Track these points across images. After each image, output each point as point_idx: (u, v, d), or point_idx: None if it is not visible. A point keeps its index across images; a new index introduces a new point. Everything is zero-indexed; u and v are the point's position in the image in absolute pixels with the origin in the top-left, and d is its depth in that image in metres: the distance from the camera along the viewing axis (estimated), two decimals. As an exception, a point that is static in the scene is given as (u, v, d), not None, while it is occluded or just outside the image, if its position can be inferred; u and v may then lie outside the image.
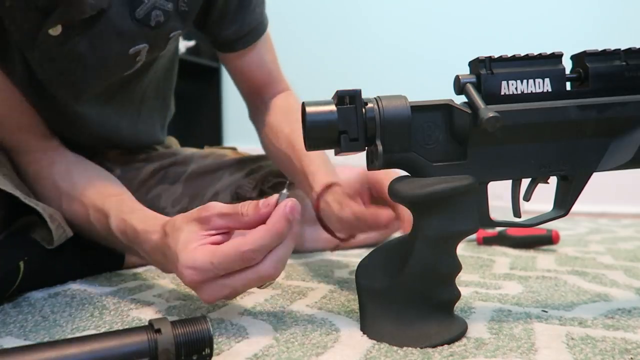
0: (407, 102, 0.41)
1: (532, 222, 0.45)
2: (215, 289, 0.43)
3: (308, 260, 0.79)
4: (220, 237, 0.45)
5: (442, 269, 0.42)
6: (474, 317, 0.48)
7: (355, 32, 1.95)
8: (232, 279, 0.43)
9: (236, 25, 0.73)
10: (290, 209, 0.42)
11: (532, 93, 0.42)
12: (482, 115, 0.38)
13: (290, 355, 0.39)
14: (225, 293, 0.44)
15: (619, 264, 0.74)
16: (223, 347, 0.41)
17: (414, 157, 0.42)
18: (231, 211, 0.44)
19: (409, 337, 0.41)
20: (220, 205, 0.45)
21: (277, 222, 0.42)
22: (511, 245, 0.89)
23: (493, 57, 0.42)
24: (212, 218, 0.44)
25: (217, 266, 0.42)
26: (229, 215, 0.44)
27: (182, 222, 0.46)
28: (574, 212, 0.50)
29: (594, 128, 0.43)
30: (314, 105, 0.40)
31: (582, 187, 0.44)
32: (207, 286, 0.43)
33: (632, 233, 1.10)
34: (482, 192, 0.43)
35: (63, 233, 0.61)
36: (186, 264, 0.43)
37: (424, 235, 0.41)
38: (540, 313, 0.49)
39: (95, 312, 0.52)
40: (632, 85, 0.44)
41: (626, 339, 0.42)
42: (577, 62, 0.45)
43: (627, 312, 0.49)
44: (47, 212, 0.59)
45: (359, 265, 0.45)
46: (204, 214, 0.45)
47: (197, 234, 0.45)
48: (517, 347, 0.40)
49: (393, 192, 0.42)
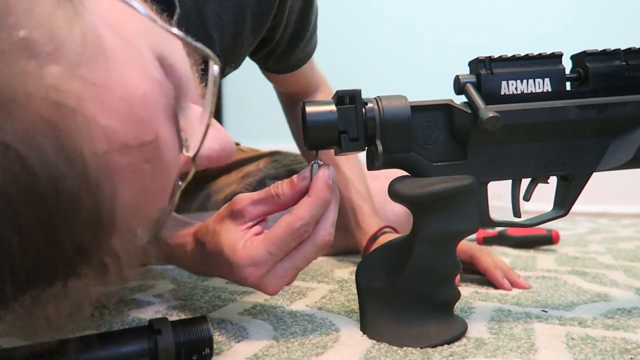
0: (407, 102, 0.41)
1: (532, 222, 0.45)
2: (279, 276, 0.42)
3: (308, 260, 0.79)
4: (259, 226, 0.43)
5: (442, 269, 0.42)
6: (474, 317, 0.48)
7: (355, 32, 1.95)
8: (291, 259, 0.42)
9: (284, 62, 0.71)
10: (329, 176, 0.41)
11: (532, 93, 0.42)
12: (482, 115, 0.38)
13: (290, 355, 0.39)
14: (289, 277, 0.42)
15: (619, 264, 0.74)
16: (223, 347, 0.41)
17: (414, 157, 0.42)
18: (264, 196, 0.43)
19: (409, 337, 0.41)
20: (249, 195, 0.43)
21: (321, 191, 0.41)
22: (511, 245, 0.89)
23: (493, 57, 0.42)
24: (246, 209, 0.43)
25: (275, 252, 0.41)
26: (264, 200, 0.43)
27: (215, 224, 0.45)
28: (574, 212, 0.50)
29: (594, 128, 0.43)
30: (314, 105, 0.40)
31: (582, 187, 0.44)
32: (271, 276, 0.42)
33: (632, 233, 1.10)
34: (482, 192, 0.43)
35: None
36: (244, 264, 0.41)
37: (424, 235, 0.41)
38: (540, 313, 0.49)
39: (95, 312, 0.52)
40: (632, 85, 0.44)
41: (626, 339, 0.42)
42: (577, 62, 0.45)
43: (627, 312, 0.49)
44: None
45: (359, 265, 0.45)
46: (237, 207, 0.43)
47: (237, 231, 0.43)
48: (517, 347, 0.40)
49: (393, 192, 0.42)
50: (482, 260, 0.62)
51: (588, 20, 1.68)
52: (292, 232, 0.40)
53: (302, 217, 0.40)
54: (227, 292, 0.59)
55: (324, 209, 0.41)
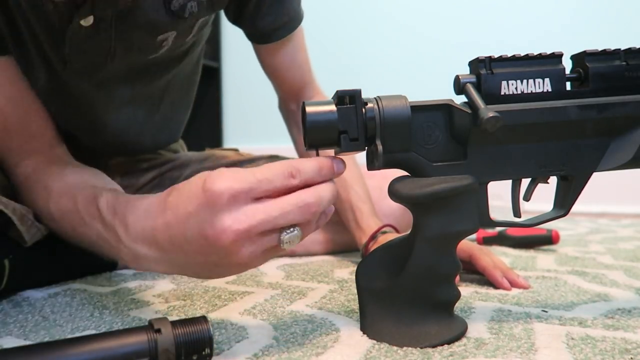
0: (407, 102, 0.41)
1: (532, 222, 0.45)
2: (247, 213, 0.37)
3: (308, 260, 0.80)
4: None
5: (442, 269, 0.42)
6: (474, 317, 0.48)
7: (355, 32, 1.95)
8: (265, 203, 0.37)
9: (272, 17, 0.72)
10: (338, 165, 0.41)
11: (532, 93, 0.42)
12: (482, 115, 0.38)
13: (290, 355, 0.39)
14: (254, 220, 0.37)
15: (619, 264, 0.74)
16: (223, 347, 0.41)
17: (414, 157, 0.42)
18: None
19: (409, 337, 0.41)
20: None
21: (326, 161, 0.40)
22: (511, 245, 0.89)
23: (493, 57, 0.42)
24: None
25: (259, 177, 0.37)
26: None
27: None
28: (574, 212, 0.50)
29: (594, 128, 0.43)
30: (314, 105, 0.40)
31: (582, 187, 0.44)
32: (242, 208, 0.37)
33: (632, 233, 1.10)
34: (482, 192, 0.43)
35: (37, 232, 0.60)
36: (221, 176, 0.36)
37: (424, 235, 0.41)
38: (540, 313, 0.49)
39: (95, 312, 0.52)
40: (632, 85, 0.44)
41: (626, 339, 0.42)
42: (577, 62, 0.45)
43: (627, 312, 0.49)
44: (18, 214, 0.58)
45: (359, 265, 0.45)
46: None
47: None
48: (517, 347, 0.40)
49: (393, 192, 0.42)
50: (481, 260, 0.62)
51: (588, 20, 1.68)
52: (283, 170, 0.38)
53: (298, 166, 0.38)
54: (227, 292, 0.59)
55: (322, 177, 0.39)
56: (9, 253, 0.58)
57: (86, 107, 0.70)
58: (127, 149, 0.83)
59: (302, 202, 0.38)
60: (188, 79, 0.85)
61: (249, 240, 0.37)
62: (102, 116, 0.72)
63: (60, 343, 0.33)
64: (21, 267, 0.60)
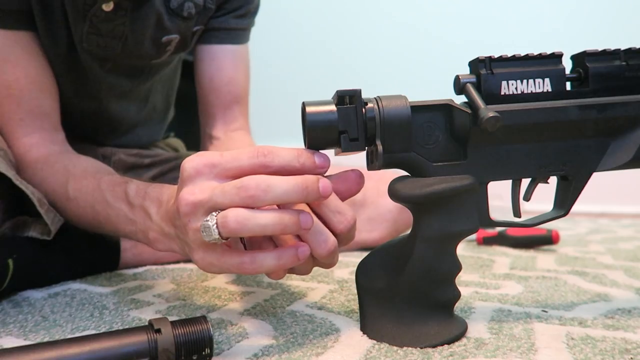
0: (407, 102, 0.41)
1: (532, 222, 0.45)
2: (203, 188, 0.37)
3: (308, 260, 0.79)
4: None
5: (442, 269, 0.42)
6: (474, 317, 0.48)
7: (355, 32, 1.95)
8: (223, 187, 0.36)
9: (223, 18, 0.76)
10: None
11: (532, 93, 0.42)
12: (482, 115, 0.38)
13: (290, 355, 0.39)
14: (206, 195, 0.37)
15: (619, 264, 0.74)
16: (223, 347, 0.41)
17: (414, 157, 0.42)
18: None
19: (409, 337, 0.41)
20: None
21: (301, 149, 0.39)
22: (511, 245, 0.89)
23: (493, 57, 0.42)
24: None
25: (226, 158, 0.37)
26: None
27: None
28: (574, 212, 0.50)
29: (594, 128, 0.43)
30: (314, 105, 0.40)
31: (582, 187, 0.44)
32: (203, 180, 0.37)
33: (632, 233, 1.10)
34: (482, 192, 0.43)
35: (55, 217, 0.61)
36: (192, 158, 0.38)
37: (424, 235, 0.41)
38: (540, 313, 0.49)
39: (95, 312, 0.52)
40: (632, 85, 0.44)
41: (626, 339, 0.42)
42: (577, 62, 0.45)
43: (627, 312, 0.49)
44: (36, 196, 0.59)
45: (359, 265, 0.45)
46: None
47: None
48: (517, 347, 0.40)
49: (393, 192, 0.42)
50: None
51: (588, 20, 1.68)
52: (252, 150, 0.37)
53: (272, 148, 0.38)
54: (227, 292, 0.59)
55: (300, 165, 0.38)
56: (14, 252, 0.59)
57: (94, 90, 0.76)
58: (119, 138, 0.87)
59: (240, 183, 0.36)
60: (170, 81, 0.91)
61: (194, 216, 0.38)
62: (104, 101, 0.78)
63: (60, 343, 0.33)
64: (27, 268, 0.60)
